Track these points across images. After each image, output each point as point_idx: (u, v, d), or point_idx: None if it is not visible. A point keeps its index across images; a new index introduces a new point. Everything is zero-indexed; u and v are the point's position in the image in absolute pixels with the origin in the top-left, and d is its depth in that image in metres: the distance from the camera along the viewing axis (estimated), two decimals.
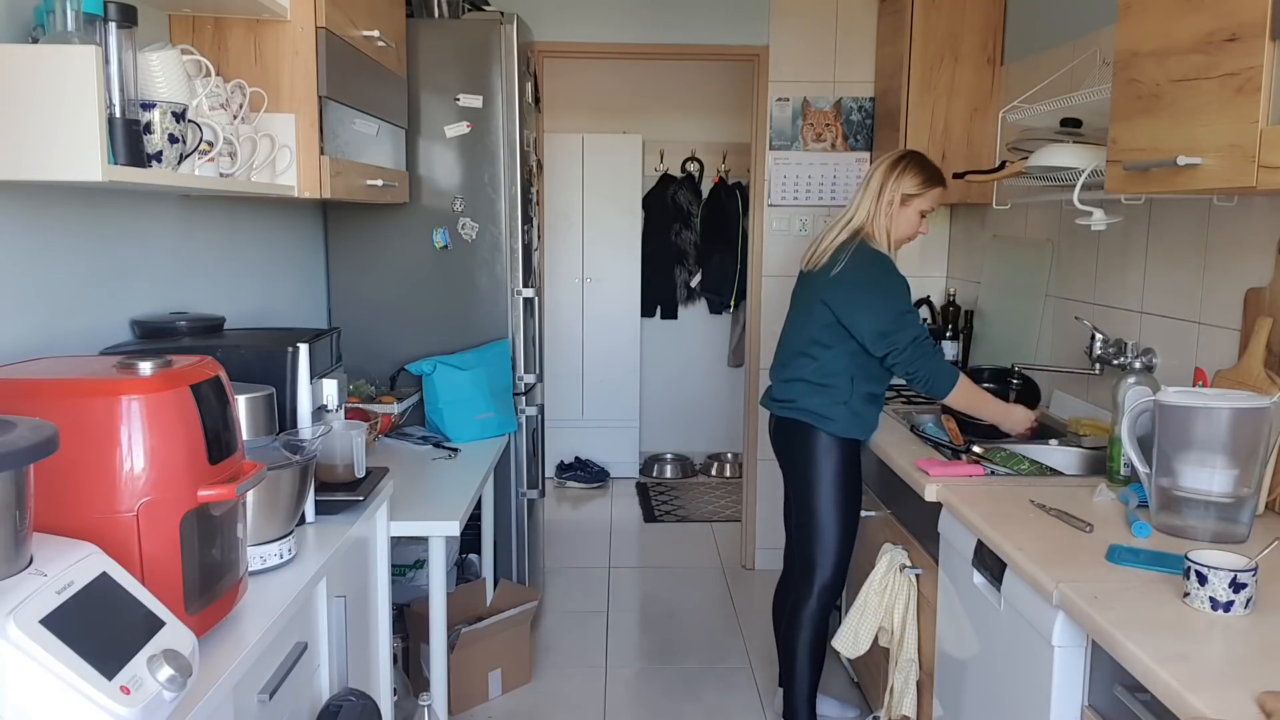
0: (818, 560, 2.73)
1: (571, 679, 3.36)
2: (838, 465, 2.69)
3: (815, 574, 2.74)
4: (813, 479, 2.71)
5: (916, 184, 2.65)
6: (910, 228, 2.69)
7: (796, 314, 2.79)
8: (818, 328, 2.67)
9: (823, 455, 2.68)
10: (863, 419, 2.68)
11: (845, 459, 2.69)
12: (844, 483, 2.70)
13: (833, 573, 2.74)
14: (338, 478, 2.05)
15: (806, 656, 2.77)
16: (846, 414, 2.66)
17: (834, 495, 2.70)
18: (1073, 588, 1.60)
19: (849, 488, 2.72)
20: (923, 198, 2.66)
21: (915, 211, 2.67)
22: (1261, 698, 1.23)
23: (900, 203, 2.64)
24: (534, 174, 3.59)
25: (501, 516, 3.39)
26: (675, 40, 4.09)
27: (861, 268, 2.60)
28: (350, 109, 2.49)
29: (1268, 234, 2.12)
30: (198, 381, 1.39)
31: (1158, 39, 1.87)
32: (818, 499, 2.71)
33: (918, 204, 2.66)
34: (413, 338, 3.27)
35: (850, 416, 2.66)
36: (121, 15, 1.54)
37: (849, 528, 2.74)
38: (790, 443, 2.77)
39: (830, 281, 2.63)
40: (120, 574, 1.19)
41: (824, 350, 2.66)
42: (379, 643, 2.21)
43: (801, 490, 2.75)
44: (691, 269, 5.99)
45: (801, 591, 2.77)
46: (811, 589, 2.75)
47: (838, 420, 2.66)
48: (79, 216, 1.88)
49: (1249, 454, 1.79)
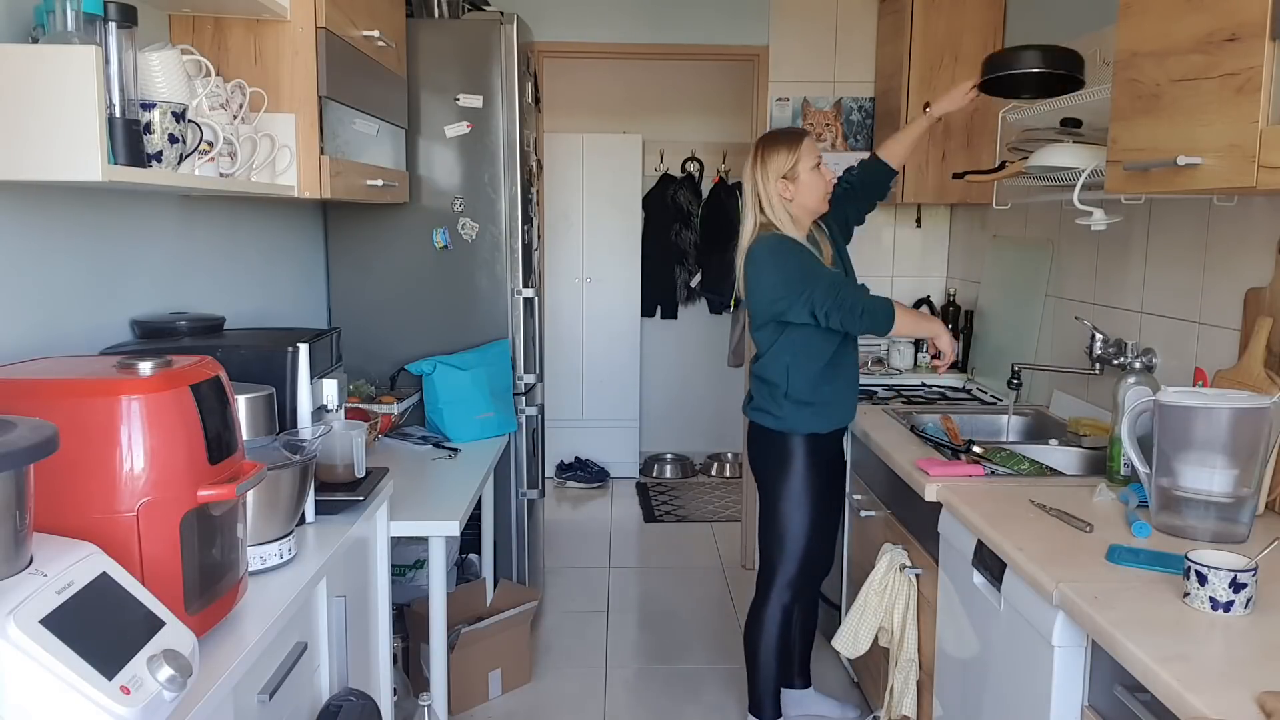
0: (776, 562, 2.71)
1: (571, 679, 3.36)
2: (794, 463, 2.64)
3: (775, 575, 2.72)
4: (770, 479, 2.69)
5: (784, 156, 2.57)
6: (815, 188, 2.59)
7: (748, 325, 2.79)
8: (756, 332, 2.67)
9: (777, 454, 2.66)
10: (813, 410, 2.63)
11: (804, 456, 2.64)
12: (804, 481, 2.65)
13: (796, 571, 2.70)
14: (338, 478, 2.05)
15: (770, 655, 2.75)
16: (790, 407, 2.62)
17: (792, 494, 2.65)
18: (1073, 588, 1.60)
19: (811, 486, 2.66)
20: (800, 160, 2.56)
21: (806, 174, 2.57)
22: (1261, 698, 1.23)
23: (788, 181, 2.57)
24: (534, 174, 3.59)
25: (501, 516, 3.39)
26: (675, 40, 4.10)
27: (752, 258, 2.58)
28: (350, 109, 2.49)
29: (1268, 234, 2.12)
30: (198, 381, 1.39)
31: (1158, 39, 1.87)
32: (775, 499, 2.69)
33: (802, 168, 2.56)
34: (413, 338, 3.27)
35: (794, 409, 2.62)
36: (121, 15, 1.54)
37: (815, 527, 2.69)
38: (751, 444, 2.78)
39: (745, 285, 2.63)
40: (120, 574, 1.19)
41: (765, 351, 2.66)
42: (379, 643, 2.21)
43: (761, 490, 2.74)
44: (691, 269, 5.99)
45: (759, 590, 2.76)
46: (770, 589, 2.73)
47: (785, 416, 2.62)
48: (79, 216, 1.88)
49: (1249, 454, 1.79)
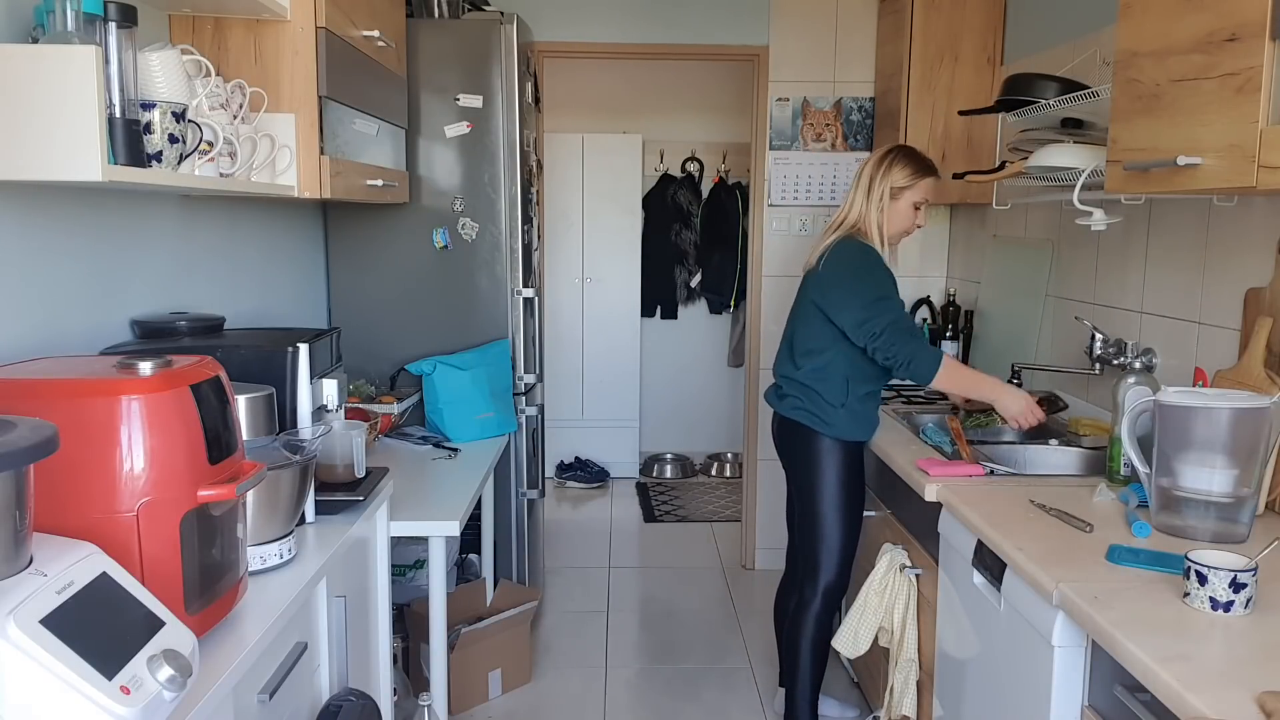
0: (822, 562, 2.73)
1: (571, 679, 3.36)
2: (839, 467, 2.69)
3: (820, 576, 2.74)
4: (815, 482, 2.71)
5: (906, 175, 2.64)
6: (904, 221, 2.68)
7: (796, 316, 2.79)
8: (813, 329, 2.68)
9: (824, 458, 2.68)
10: (861, 420, 2.68)
11: (847, 461, 2.69)
12: (846, 484, 2.70)
13: (837, 574, 2.74)
14: (338, 478, 2.05)
15: (810, 658, 2.77)
16: (845, 416, 2.65)
17: (836, 497, 2.70)
18: (1073, 588, 1.60)
19: (851, 489, 2.72)
20: (913, 189, 2.64)
21: (908, 204, 2.66)
22: (1261, 698, 1.23)
23: (891, 196, 2.64)
24: (534, 174, 3.59)
25: (501, 516, 3.39)
26: (675, 40, 4.10)
27: (842, 260, 2.61)
28: (350, 109, 2.48)
29: (1268, 234, 2.12)
30: (198, 381, 1.39)
31: (1158, 39, 1.87)
32: (820, 501, 2.71)
33: (909, 196, 2.65)
34: (413, 338, 3.27)
35: (848, 419, 2.66)
36: (121, 15, 1.54)
37: (852, 528, 2.74)
38: (792, 444, 2.77)
39: (818, 280, 2.65)
40: (120, 574, 1.19)
41: (820, 354, 2.66)
42: (379, 643, 2.21)
43: (804, 493, 2.75)
44: (691, 269, 5.99)
45: (806, 593, 2.77)
46: (816, 591, 2.75)
47: (836, 424, 2.66)
48: (79, 216, 1.88)
49: (1249, 454, 1.79)
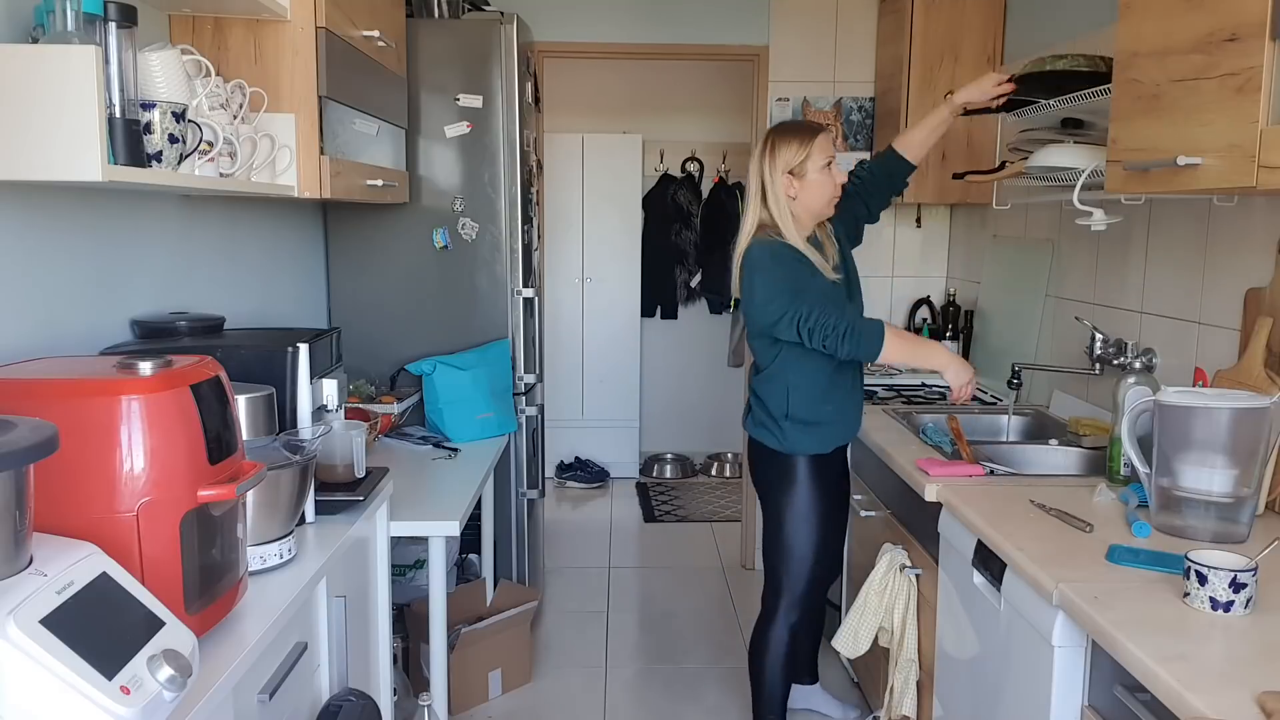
0: (784, 581, 2.63)
1: (571, 679, 3.36)
2: (798, 484, 2.55)
3: (782, 594, 2.64)
4: (774, 499, 2.60)
5: (795, 149, 2.45)
6: (825, 189, 2.48)
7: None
8: (760, 345, 2.56)
9: (781, 474, 2.57)
10: (814, 432, 2.54)
11: (809, 476, 2.56)
12: (810, 501, 2.56)
13: (804, 590, 2.63)
14: (338, 478, 2.05)
15: (776, 676, 2.67)
16: (792, 428, 2.52)
17: (798, 515, 2.57)
18: (1073, 588, 1.60)
19: (817, 505, 2.57)
20: (811, 157, 2.45)
21: (817, 172, 2.46)
22: (1261, 698, 1.23)
23: (796, 176, 2.45)
24: (534, 174, 3.59)
25: (501, 516, 3.39)
26: (675, 40, 4.10)
27: (749, 268, 2.45)
28: (350, 109, 2.48)
29: (1268, 234, 2.12)
30: (198, 381, 1.39)
31: (1158, 39, 1.87)
32: (781, 519, 2.60)
33: (812, 164, 2.45)
34: (413, 338, 3.27)
35: (797, 431, 2.52)
36: (121, 15, 1.54)
37: (822, 544, 2.61)
38: (754, 461, 2.68)
39: (742, 295, 2.50)
40: (120, 574, 1.19)
41: (767, 366, 2.55)
42: (379, 643, 2.21)
43: (766, 510, 2.65)
44: (691, 269, 5.99)
45: (767, 609, 2.68)
46: (777, 608, 2.66)
47: (787, 437, 2.53)
48: (79, 216, 1.88)
49: (1249, 454, 1.79)
